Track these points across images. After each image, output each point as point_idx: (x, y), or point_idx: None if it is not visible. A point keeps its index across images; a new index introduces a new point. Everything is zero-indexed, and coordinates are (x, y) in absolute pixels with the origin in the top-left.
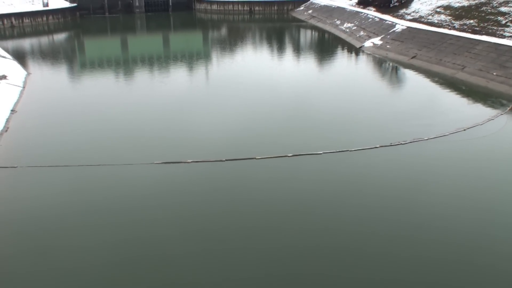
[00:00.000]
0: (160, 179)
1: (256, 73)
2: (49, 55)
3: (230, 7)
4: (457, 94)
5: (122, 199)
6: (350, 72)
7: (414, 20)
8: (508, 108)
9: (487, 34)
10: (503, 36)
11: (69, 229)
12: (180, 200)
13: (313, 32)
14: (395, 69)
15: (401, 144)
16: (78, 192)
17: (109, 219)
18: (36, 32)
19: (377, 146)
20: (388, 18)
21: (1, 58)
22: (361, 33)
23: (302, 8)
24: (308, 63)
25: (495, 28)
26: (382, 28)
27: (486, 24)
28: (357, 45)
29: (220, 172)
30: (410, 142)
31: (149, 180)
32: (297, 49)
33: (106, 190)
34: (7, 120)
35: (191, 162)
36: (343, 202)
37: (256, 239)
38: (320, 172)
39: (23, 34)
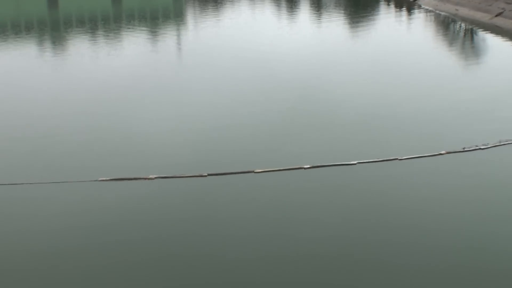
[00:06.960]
0: (108, 203)
1: (254, 43)
2: None
3: None
4: None
5: (49, 229)
6: (400, 40)
7: None
8: None
9: None
10: None
11: None
12: (135, 230)
13: None
14: (470, 34)
15: (479, 149)
16: None
17: (36, 250)
18: None
19: (443, 152)
20: None
21: None
22: None
23: None
24: (335, 28)
25: None
26: None
27: None
28: None
29: (201, 193)
30: (494, 145)
31: (90, 204)
32: (318, 5)
33: (29, 218)
34: None
35: (155, 178)
36: (394, 234)
37: None
38: (354, 190)
39: None
